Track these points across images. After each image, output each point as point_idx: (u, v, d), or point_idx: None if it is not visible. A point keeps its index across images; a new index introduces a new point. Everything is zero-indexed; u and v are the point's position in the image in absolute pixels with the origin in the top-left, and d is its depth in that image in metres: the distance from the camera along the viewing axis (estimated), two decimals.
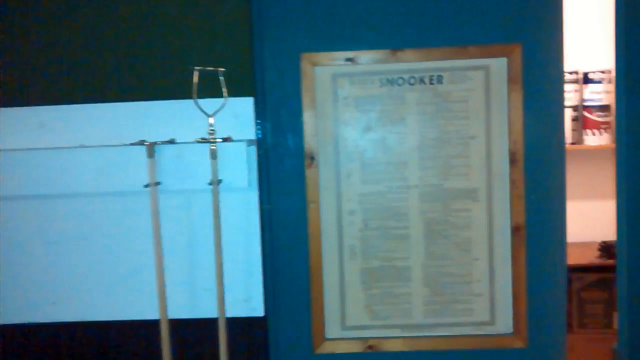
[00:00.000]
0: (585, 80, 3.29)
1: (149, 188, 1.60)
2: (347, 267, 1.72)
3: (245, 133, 1.63)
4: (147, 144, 1.60)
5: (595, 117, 3.27)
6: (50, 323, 1.71)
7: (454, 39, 1.65)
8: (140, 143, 1.60)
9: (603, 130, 3.27)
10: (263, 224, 1.69)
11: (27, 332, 1.72)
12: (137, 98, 1.64)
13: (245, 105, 1.63)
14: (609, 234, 3.19)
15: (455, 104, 1.67)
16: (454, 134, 1.68)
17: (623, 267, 1.53)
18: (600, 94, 3.26)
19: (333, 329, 1.74)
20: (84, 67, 1.65)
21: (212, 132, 1.59)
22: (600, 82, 3.26)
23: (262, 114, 1.68)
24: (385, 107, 1.68)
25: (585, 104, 3.30)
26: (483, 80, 1.66)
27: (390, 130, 1.69)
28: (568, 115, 3.22)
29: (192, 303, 1.68)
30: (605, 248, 3.27)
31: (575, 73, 3.29)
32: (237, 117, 1.63)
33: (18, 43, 1.65)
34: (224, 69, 1.59)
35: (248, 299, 1.68)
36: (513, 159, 1.66)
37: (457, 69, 1.66)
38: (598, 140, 3.28)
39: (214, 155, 1.59)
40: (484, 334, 1.72)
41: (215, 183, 1.59)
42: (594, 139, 3.29)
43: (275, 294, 1.72)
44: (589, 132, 3.30)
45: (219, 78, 1.58)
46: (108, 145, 1.63)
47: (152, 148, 1.60)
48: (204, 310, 1.67)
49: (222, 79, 1.59)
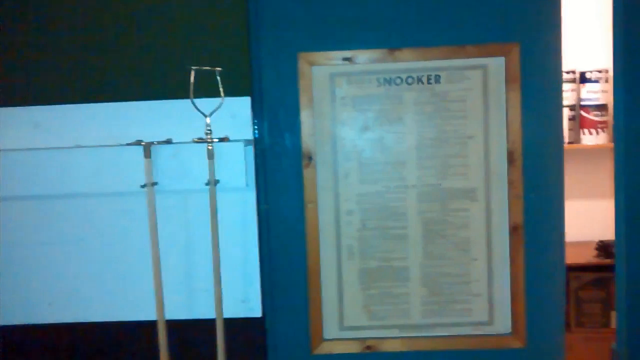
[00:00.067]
0: (582, 80, 3.29)
1: (146, 188, 1.59)
2: (345, 267, 1.72)
3: (243, 133, 1.63)
4: (143, 144, 1.59)
5: (593, 116, 3.27)
6: (47, 324, 1.70)
7: (452, 39, 1.64)
8: (137, 143, 1.59)
9: (600, 130, 3.27)
10: (260, 224, 1.68)
11: (23, 333, 1.71)
12: (133, 98, 1.64)
13: (243, 105, 1.63)
14: (606, 233, 3.21)
15: (453, 104, 1.67)
16: (452, 134, 1.68)
17: (621, 266, 1.53)
18: (598, 94, 3.26)
19: (331, 330, 1.73)
20: (80, 66, 1.65)
21: (209, 132, 1.58)
22: (597, 81, 3.26)
23: (259, 114, 1.67)
24: (383, 106, 1.68)
25: (583, 104, 3.30)
26: (481, 80, 1.66)
27: (388, 130, 1.68)
28: (565, 115, 3.22)
29: (189, 304, 1.68)
30: (603, 247, 3.27)
31: (572, 72, 3.29)
32: (234, 116, 1.62)
33: (13, 42, 1.65)
34: (221, 69, 1.58)
35: (246, 300, 1.67)
36: (511, 159, 1.66)
37: (454, 69, 1.66)
38: (595, 140, 3.29)
39: (211, 155, 1.58)
40: (483, 334, 1.72)
41: (213, 183, 1.59)
42: (591, 139, 3.29)
43: (273, 295, 1.71)
44: (586, 131, 3.30)
45: (216, 78, 1.58)
46: (104, 145, 1.62)
47: (148, 148, 1.59)
48: (202, 311, 1.66)
49: (219, 79, 1.58)
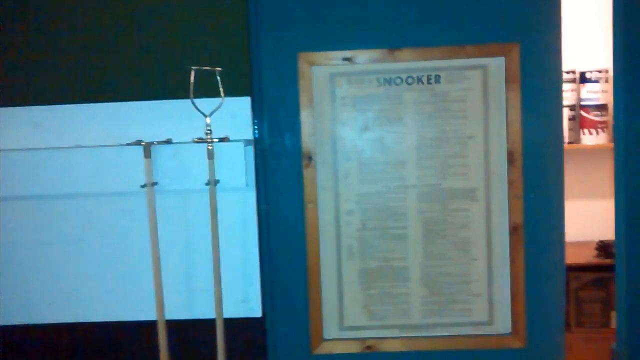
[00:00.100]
0: (582, 80, 3.29)
1: (146, 188, 1.59)
2: (345, 267, 1.72)
3: (243, 133, 1.63)
4: (143, 144, 1.59)
5: (593, 116, 3.27)
6: (47, 324, 1.70)
7: (452, 39, 1.64)
8: (137, 143, 1.59)
9: (600, 130, 3.27)
10: (260, 224, 1.68)
11: (23, 333, 1.71)
12: (133, 98, 1.63)
13: (243, 105, 1.63)
14: (606, 233, 3.21)
15: (453, 104, 1.67)
16: (452, 134, 1.67)
17: (621, 266, 1.52)
18: (597, 94, 3.26)
19: (331, 330, 1.73)
20: (80, 66, 1.65)
21: (209, 132, 1.58)
22: (597, 81, 3.26)
23: (259, 114, 1.67)
24: (383, 106, 1.68)
25: (583, 104, 3.30)
26: (481, 80, 1.66)
27: (388, 130, 1.68)
28: (565, 115, 3.22)
29: (189, 304, 1.67)
30: (603, 247, 3.27)
31: (572, 72, 3.29)
32: (234, 116, 1.62)
33: (13, 42, 1.65)
34: (221, 69, 1.58)
35: (246, 300, 1.67)
36: (511, 159, 1.66)
37: (454, 69, 1.66)
38: (595, 140, 3.28)
39: (211, 155, 1.58)
40: (483, 334, 1.72)
41: (213, 183, 1.58)
42: (591, 139, 3.29)
43: (273, 295, 1.71)
44: (586, 131, 3.30)
45: (216, 78, 1.58)
46: (104, 145, 1.62)
47: (148, 148, 1.59)
48: (202, 311, 1.66)
49: (219, 79, 1.58)
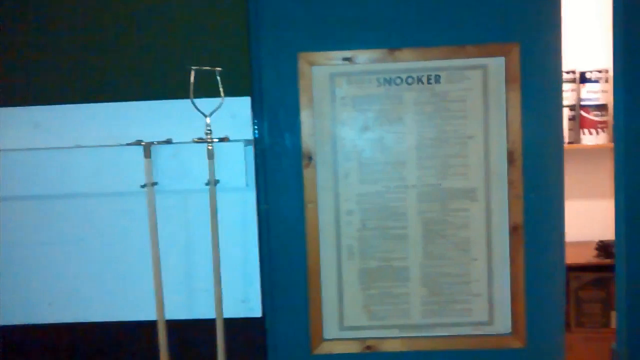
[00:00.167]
0: (582, 80, 3.29)
1: (146, 188, 1.59)
2: (345, 267, 1.72)
3: (243, 133, 1.63)
4: (143, 144, 1.59)
5: (592, 116, 3.27)
6: (47, 324, 1.70)
7: (452, 39, 1.64)
8: (137, 143, 1.59)
9: (600, 130, 3.27)
10: (260, 224, 1.68)
11: (23, 333, 1.71)
12: (133, 98, 1.63)
13: (243, 105, 1.62)
14: (606, 233, 3.21)
15: (453, 104, 1.67)
16: (452, 134, 1.67)
17: (621, 266, 1.52)
18: (597, 94, 3.26)
19: (331, 330, 1.73)
20: (80, 66, 1.64)
21: (209, 132, 1.58)
22: (597, 81, 3.25)
23: (259, 114, 1.67)
24: (383, 106, 1.68)
25: (582, 104, 3.30)
26: (481, 80, 1.66)
27: (388, 130, 1.68)
28: (565, 115, 3.22)
29: (189, 304, 1.67)
30: (603, 247, 3.27)
31: (572, 72, 3.29)
32: (234, 116, 1.62)
33: (12, 42, 1.64)
34: (221, 69, 1.58)
35: (246, 300, 1.67)
36: (511, 159, 1.66)
37: (454, 69, 1.66)
38: (595, 140, 3.28)
39: (211, 155, 1.58)
40: (483, 334, 1.72)
41: (213, 183, 1.58)
42: (591, 139, 3.29)
43: (273, 295, 1.71)
44: (586, 131, 3.30)
45: (216, 78, 1.58)
46: (104, 145, 1.62)
47: (148, 148, 1.59)
48: (202, 311, 1.66)
49: (219, 79, 1.58)
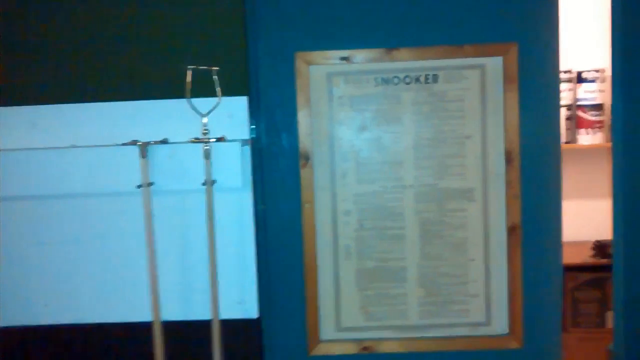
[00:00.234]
0: (579, 80, 3.30)
1: (142, 188, 1.59)
2: (342, 267, 1.71)
3: (240, 133, 1.62)
4: (139, 144, 1.58)
5: (589, 116, 3.27)
6: (42, 325, 1.69)
7: (450, 38, 1.64)
8: (133, 143, 1.59)
9: (597, 130, 3.27)
10: (257, 225, 1.67)
11: (18, 335, 1.70)
12: (129, 97, 1.62)
13: (239, 105, 1.62)
14: (603, 233, 3.21)
15: (451, 104, 1.66)
16: (450, 134, 1.67)
17: (619, 266, 1.53)
18: (594, 93, 3.26)
19: (328, 331, 1.73)
20: (76, 66, 1.64)
21: (205, 131, 1.57)
22: (594, 81, 3.26)
23: (256, 114, 1.67)
24: (381, 106, 1.67)
25: (579, 103, 3.30)
26: (479, 80, 1.66)
27: (386, 130, 1.68)
28: (562, 115, 3.22)
29: (185, 305, 1.67)
30: (599, 247, 3.27)
31: (569, 72, 3.29)
32: (231, 116, 1.61)
33: (9, 42, 1.63)
34: (218, 68, 1.58)
35: (242, 301, 1.67)
36: (509, 159, 1.65)
37: (452, 68, 1.65)
38: (592, 140, 3.29)
39: (208, 155, 1.57)
40: (480, 335, 1.71)
41: (209, 183, 1.58)
42: (588, 138, 3.29)
43: (270, 296, 1.71)
44: (583, 131, 3.30)
45: (213, 77, 1.57)
46: (100, 145, 1.61)
47: (145, 148, 1.58)
48: (198, 312, 1.65)
49: (215, 78, 1.57)
